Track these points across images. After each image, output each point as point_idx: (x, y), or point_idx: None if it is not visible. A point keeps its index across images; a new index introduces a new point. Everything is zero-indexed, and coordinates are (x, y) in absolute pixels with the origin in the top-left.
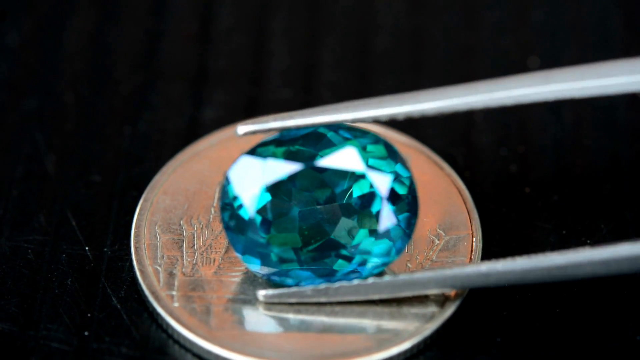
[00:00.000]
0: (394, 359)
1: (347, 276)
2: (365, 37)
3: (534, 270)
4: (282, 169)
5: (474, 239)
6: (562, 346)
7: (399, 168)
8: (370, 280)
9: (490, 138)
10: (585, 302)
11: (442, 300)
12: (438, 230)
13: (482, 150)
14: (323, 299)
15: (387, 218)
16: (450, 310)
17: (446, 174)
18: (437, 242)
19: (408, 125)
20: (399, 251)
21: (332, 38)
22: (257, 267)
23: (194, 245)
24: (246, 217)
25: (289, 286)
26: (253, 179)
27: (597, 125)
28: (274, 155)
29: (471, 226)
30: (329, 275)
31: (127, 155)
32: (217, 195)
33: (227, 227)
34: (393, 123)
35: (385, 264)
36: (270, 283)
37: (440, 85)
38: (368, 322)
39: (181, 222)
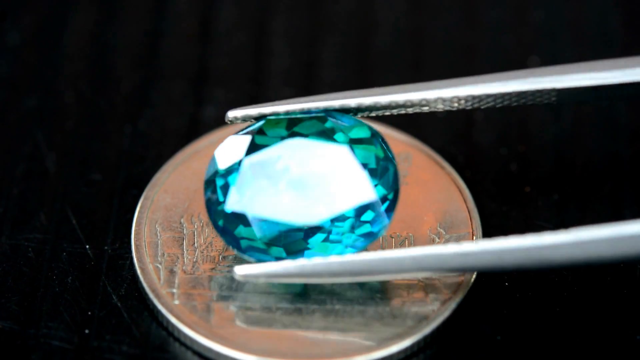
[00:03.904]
0: (394, 357)
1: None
2: (365, 36)
3: (510, 251)
4: (266, 145)
5: (474, 238)
6: (562, 345)
7: (382, 150)
8: (348, 257)
9: (490, 137)
10: (585, 302)
11: (442, 299)
12: (438, 229)
13: (482, 149)
14: (301, 278)
15: (370, 200)
16: (450, 308)
17: (446, 172)
18: (437, 240)
19: (408, 124)
20: (379, 234)
21: (333, 37)
22: (235, 243)
23: (194, 243)
24: (226, 191)
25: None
26: (236, 155)
27: (597, 125)
28: (260, 134)
29: (471, 225)
30: (305, 250)
31: (128, 154)
32: None
33: (208, 201)
34: (394, 122)
35: (365, 246)
36: (249, 260)
37: None
38: (368, 320)
39: (182, 220)
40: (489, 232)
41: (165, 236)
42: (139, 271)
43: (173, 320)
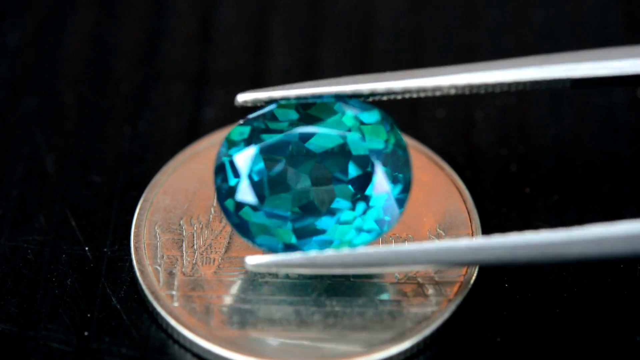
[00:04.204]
0: (394, 359)
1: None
2: (365, 37)
3: (526, 247)
4: (277, 131)
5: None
6: (562, 346)
7: (393, 135)
8: (360, 250)
9: (490, 138)
10: (585, 303)
11: (442, 300)
12: (438, 230)
13: (482, 150)
14: (311, 269)
15: (381, 184)
16: (450, 310)
17: (446, 173)
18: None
19: (408, 124)
20: (391, 223)
21: (333, 38)
22: (245, 232)
23: (193, 245)
24: (238, 179)
25: (277, 253)
26: (246, 141)
27: (597, 125)
28: (271, 119)
29: (471, 226)
30: (315, 235)
31: (128, 155)
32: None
33: (218, 190)
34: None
35: (378, 235)
36: (259, 250)
37: None
38: (368, 322)
39: (181, 222)
40: (488, 233)
41: (165, 238)
42: (138, 273)
43: (172, 322)
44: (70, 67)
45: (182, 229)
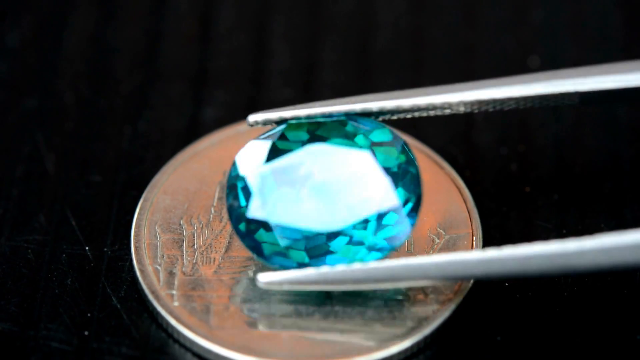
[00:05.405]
0: (394, 358)
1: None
2: (365, 37)
3: (535, 258)
4: (288, 150)
5: (474, 238)
6: (562, 346)
7: (404, 154)
8: (371, 264)
9: (490, 137)
10: (585, 302)
11: (442, 300)
12: (438, 229)
13: (482, 149)
14: (324, 285)
15: (393, 204)
16: (450, 309)
17: (446, 173)
18: (437, 241)
19: (408, 124)
20: (402, 239)
21: (333, 37)
22: (256, 249)
23: (194, 244)
24: (248, 197)
25: (288, 269)
26: (258, 161)
27: (598, 124)
28: (282, 139)
29: (471, 225)
30: (328, 255)
31: (128, 155)
32: (217, 195)
33: (230, 208)
34: (394, 122)
35: (389, 252)
36: (270, 268)
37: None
38: (368, 321)
39: (181, 222)
40: (488, 232)
41: (165, 238)
42: (138, 273)
43: (172, 322)
44: (70, 67)
45: (182, 229)
